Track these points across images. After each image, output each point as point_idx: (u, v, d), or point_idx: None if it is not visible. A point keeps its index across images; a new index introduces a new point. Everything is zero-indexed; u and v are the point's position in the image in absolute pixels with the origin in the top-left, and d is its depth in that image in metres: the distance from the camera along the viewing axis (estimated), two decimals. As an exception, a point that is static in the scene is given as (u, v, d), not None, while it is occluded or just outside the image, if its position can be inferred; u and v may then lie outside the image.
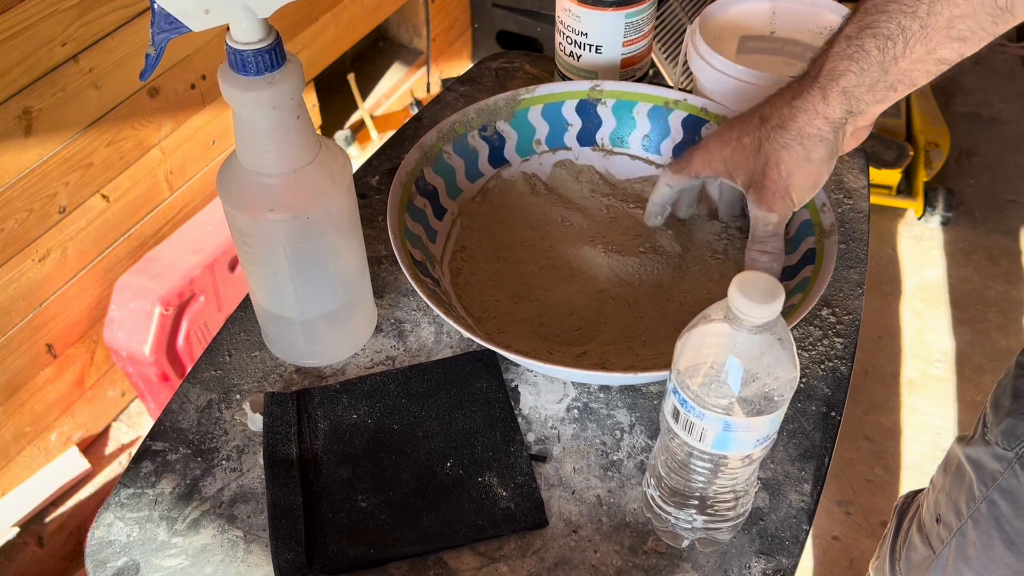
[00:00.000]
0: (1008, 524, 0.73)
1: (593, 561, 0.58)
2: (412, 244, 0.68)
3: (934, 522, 0.81)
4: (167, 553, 0.59)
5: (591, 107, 0.80)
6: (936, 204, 2.01)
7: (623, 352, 0.67)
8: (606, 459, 0.64)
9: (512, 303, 0.71)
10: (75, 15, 1.22)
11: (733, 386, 0.47)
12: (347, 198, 0.61)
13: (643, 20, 0.82)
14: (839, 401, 0.67)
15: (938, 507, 0.81)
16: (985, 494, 0.74)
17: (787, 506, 0.61)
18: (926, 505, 0.85)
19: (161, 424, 0.66)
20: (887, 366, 1.77)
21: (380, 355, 0.70)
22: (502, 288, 0.72)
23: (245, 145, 0.56)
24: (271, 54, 0.52)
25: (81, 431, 1.54)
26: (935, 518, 0.81)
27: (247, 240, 0.60)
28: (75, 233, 1.36)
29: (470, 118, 0.77)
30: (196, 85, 1.48)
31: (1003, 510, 0.73)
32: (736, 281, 0.45)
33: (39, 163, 1.25)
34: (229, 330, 0.72)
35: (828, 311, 0.73)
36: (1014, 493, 0.72)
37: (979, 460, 0.75)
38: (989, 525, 0.74)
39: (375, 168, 0.86)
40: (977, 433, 0.78)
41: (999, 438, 0.73)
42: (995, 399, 0.76)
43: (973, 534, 0.76)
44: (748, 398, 0.47)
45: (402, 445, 0.64)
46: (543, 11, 2.07)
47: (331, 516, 0.60)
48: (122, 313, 1.40)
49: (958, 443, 0.82)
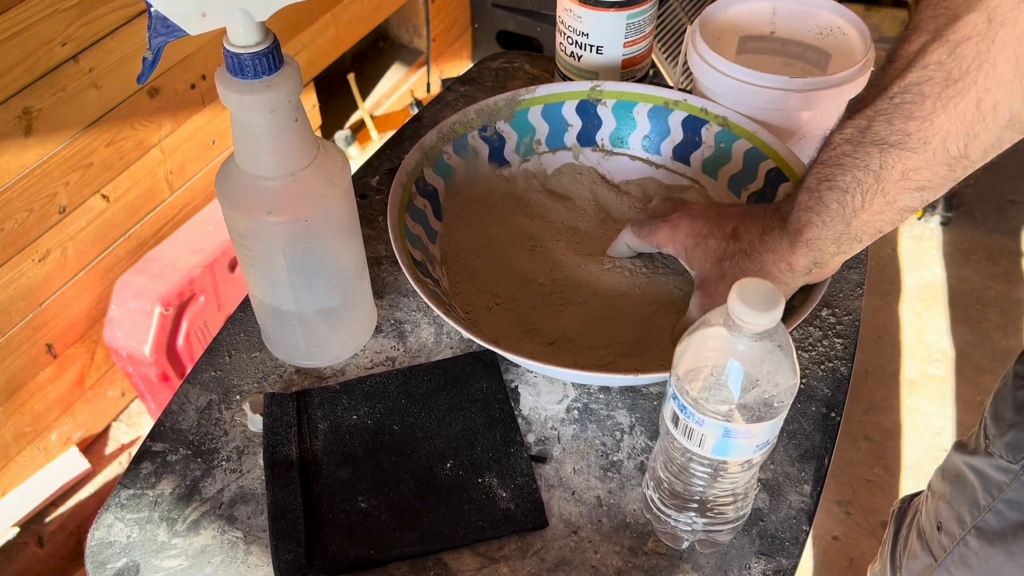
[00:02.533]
0: (1011, 535, 0.73)
1: (593, 562, 0.58)
2: (412, 245, 0.68)
3: (935, 530, 0.81)
4: (167, 554, 0.59)
5: (591, 107, 0.80)
6: (936, 204, 2.01)
7: (623, 353, 0.67)
8: (606, 460, 0.64)
9: (511, 303, 0.71)
10: (75, 15, 1.22)
11: (733, 392, 0.47)
12: (346, 200, 0.61)
13: (644, 21, 0.82)
14: (839, 401, 0.67)
15: (939, 515, 0.81)
16: (991, 504, 0.74)
17: (787, 507, 0.61)
18: (925, 512, 0.85)
19: (161, 425, 0.66)
20: (887, 366, 1.77)
21: (380, 356, 0.70)
22: (502, 288, 0.72)
23: (243, 148, 0.56)
24: (268, 57, 0.52)
25: (81, 431, 1.54)
26: (936, 526, 0.81)
27: (246, 242, 0.60)
28: (75, 233, 1.36)
29: (470, 118, 0.77)
30: (196, 85, 1.48)
31: (1009, 521, 0.73)
32: (736, 288, 0.45)
33: (39, 163, 1.25)
34: (229, 330, 0.72)
35: (828, 311, 0.73)
36: (1021, 504, 0.72)
37: (983, 471, 0.76)
38: (993, 536, 0.75)
39: (375, 168, 0.86)
40: (979, 444, 0.78)
41: (1003, 451, 0.74)
42: (994, 411, 0.76)
43: (976, 543, 0.77)
44: (748, 405, 0.47)
45: (402, 446, 0.64)
46: (543, 11, 2.07)
47: (331, 517, 0.60)
48: (122, 313, 1.40)
49: (957, 451, 0.82)
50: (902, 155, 0.50)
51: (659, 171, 0.80)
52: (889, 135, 0.50)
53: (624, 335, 0.68)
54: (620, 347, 0.68)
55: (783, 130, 0.77)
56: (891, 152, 0.51)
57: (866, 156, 0.52)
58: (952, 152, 0.49)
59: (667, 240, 0.67)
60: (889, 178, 0.51)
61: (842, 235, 0.56)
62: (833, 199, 0.54)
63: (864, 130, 0.51)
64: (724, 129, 0.75)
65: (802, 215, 0.56)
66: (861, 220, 0.54)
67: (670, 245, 0.67)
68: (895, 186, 0.52)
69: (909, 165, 0.50)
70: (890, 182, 0.52)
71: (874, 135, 0.51)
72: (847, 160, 0.53)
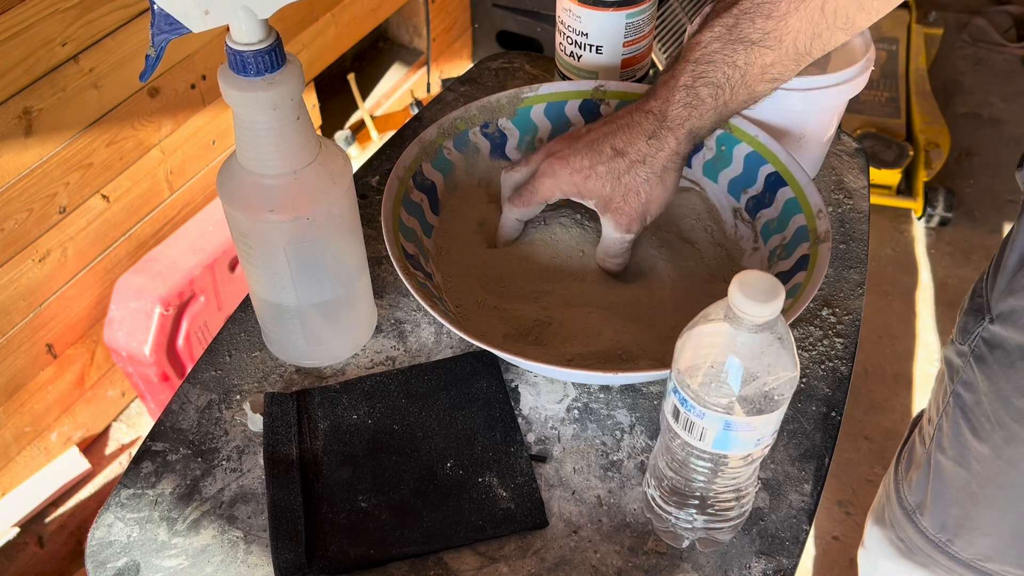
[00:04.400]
0: (971, 413, 0.80)
1: (593, 561, 0.58)
2: (406, 238, 0.68)
3: (926, 423, 0.89)
4: (167, 553, 0.59)
5: (594, 107, 0.80)
6: (936, 204, 2.01)
7: (623, 352, 0.67)
8: (606, 459, 0.64)
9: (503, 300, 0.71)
10: (75, 15, 1.22)
11: (733, 385, 0.47)
12: (347, 198, 0.61)
13: (644, 20, 0.82)
14: (839, 401, 0.67)
15: (929, 409, 0.90)
16: (951, 388, 0.82)
17: (787, 506, 0.61)
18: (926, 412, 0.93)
19: (161, 424, 0.66)
20: (887, 366, 1.77)
21: (380, 355, 0.70)
22: (494, 285, 0.72)
23: (245, 146, 0.56)
24: (271, 55, 0.52)
25: (81, 431, 1.54)
26: (927, 419, 0.89)
27: (247, 241, 0.60)
28: (75, 233, 1.36)
29: (472, 115, 0.77)
30: (196, 85, 1.48)
31: (966, 401, 0.80)
32: (736, 281, 0.45)
33: (39, 163, 1.25)
34: (229, 330, 0.72)
35: (828, 311, 0.73)
36: (971, 384, 0.79)
37: (949, 359, 0.84)
38: (957, 416, 0.81)
39: (375, 168, 0.86)
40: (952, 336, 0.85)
41: (957, 335, 0.82)
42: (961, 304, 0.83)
43: (946, 426, 0.83)
44: (748, 397, 0.47)
45: (402, 445, 0.64)
46: (543, 11, 2.07)
47: (331, 516, 0.60)
48: (122, 313, 1.40)
49: None
50: (762, 52, 0.61)
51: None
52: (751, 33, 0.61)
53: (623, 330, 0.68)
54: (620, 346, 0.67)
55: (782, 130, 0.77)
56: (753, 49, 0.61)
57: (733, 53, 0.62)
58: (800, 49, 0.61)
59: (552, 189, 0.69)
60: (751, 72, 0.62)
61: (715, 122, 0.66)
62: (708, 94, 0.63)
63: (731, 28, 0.61)
64: (725, 132, 0.75)
65: (681, 111, 0.64)
66: (729, 108, 0.65)
67: (558, 191, 0.69)
68: (755, 79, 0.63)
69: (767, 61, 0.61)
70: (751, 76, 0.62)
71: (740, 33, 0.61)
72: (718, 57, 0.62)
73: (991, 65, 2.45)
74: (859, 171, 0.86)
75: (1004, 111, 2.33)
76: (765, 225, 0.73)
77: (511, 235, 0.74)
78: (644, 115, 0.66)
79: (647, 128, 0.66)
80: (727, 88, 0.63)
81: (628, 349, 0.67)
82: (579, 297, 0.72)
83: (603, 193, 0.68)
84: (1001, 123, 2.30)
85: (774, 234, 0.71)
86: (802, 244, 0.68)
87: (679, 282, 0.73)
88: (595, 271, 0.73)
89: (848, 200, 0.83)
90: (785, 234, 0.70)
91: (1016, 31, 2.56)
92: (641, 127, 0.66)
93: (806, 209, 0.69)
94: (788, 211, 0.70)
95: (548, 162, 0.69)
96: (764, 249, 0.72)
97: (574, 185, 0.68)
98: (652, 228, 0.76)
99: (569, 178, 0.68)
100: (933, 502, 0.86)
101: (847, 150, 0.88)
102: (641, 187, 0.67)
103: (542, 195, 0.70)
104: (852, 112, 2.10)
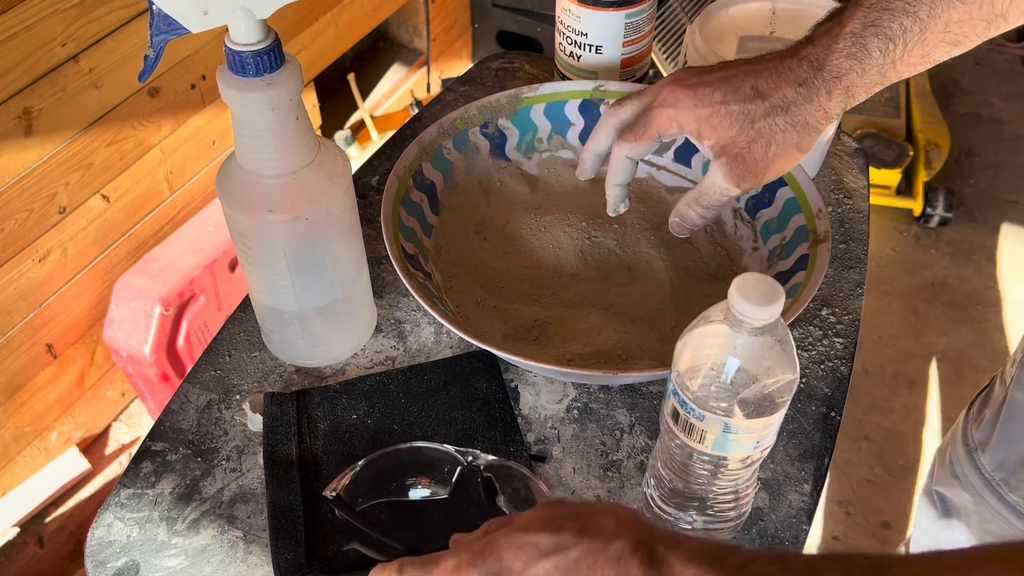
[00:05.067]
0: None
1: (593, 561, 0.58)
2: (406, 238, 0.68)
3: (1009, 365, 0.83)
4: (167, 553, 0.59)
5: (594, 107, 0.80)
6: (936, 204, 2.01)
7: (623, 352, 0.67)
8: (606, 459, 0.64)
9: (503, 300, 0.71)
10: (75, 15, 1.22)
11: (733, 388, 0.47)
12: (347, 199, 0.61)
13: (643, 20, 0.82)
14: (839, 401, 0.67)
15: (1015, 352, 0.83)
16: None
17: (787, 506, 0.61)
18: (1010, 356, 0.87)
19: (161, 424, 0.66)
20: (887, 366, 1.77)
21: (380, 355, 0.70)
22: (494, 285, 0.72)
23: (244, 146, 0.56)
24: (270, 55, 0.52)
25: (81, 431, 1.54)
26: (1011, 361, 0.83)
27: (246, 241, 0.60)
28: (75, 233, 1.36)
29: (472, 114, 0.77)
30: (196, 85, 1.48)
31: None
32: (736, 283, 0.45)
33: (39, 163, 1.25)
34: (229, 330, 0.72)
35: (828, 311, 0.73)
36: None
37: None
38: None
39: (375, 168, 0.86)
40: None
41: None
42: None
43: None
44: (748, 400, 0.47)
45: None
46: (543, 11, 2.07)
47: (331, 516, 0.60)
48: (122, 313, 1.40)
49: None
50: (952, 3, 0.51)
51: (660, 172, 0.80)
52: None
53: (623, 330, 0.68)
54: (620, 345, 0.67)
55: (783, 130, 0.77)
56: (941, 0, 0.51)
57: (917, 2, 0.52)
58: (996, 9, 0.51)
59: (670, 122, 0.60)
60: (933, 28, 0.52)
61: (874, 84, 0.55)
62: (877, 47, 0.54)
63: None
64: None
65: (843, 62, 0.55)
66: (896, 71, 0.54)
67: (675, 125, 0.60)
68: (935, 37, 0.52)
69: (954, 16, 0.51)
70: (932, 32, 0.52)
71: None
72: (896, 4, 0.52)
73: (991, 65, 2.45)
74: (859, 171, 0.86)
75: (1004, 111, 2.33)
76: (765, 225, 0.73)
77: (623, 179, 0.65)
78: (798, 61, 0.57)
79: (799, 74, 0.57)
80: (900, 43, 0.53)
81: (628, 349, 0.67)
82: (579, 297, 0.72)
83: (727, 135, 0.58)
84: (1001, 123, 2.30)
85: (774, 234, 0.71)
86: (802, 244, 0.68)
87: (679, 282, 0.73)
88: (595, 271, 0.73)
89: (848, 200, 0.83)
90: (785, 234, 0.70)
91: (1016, 31, 2.56)
92: (793, 72, 0.57)
93: (806, 209, 0.69)
94: (788, 211, 0.70)
95: (671, 88, 0.60)
96: (764, 249, 0.72)
97: (696, 121, 0.59)
98: (652, 228, 0.76)
99: (693, 110, 0.59)
100: (998, 439, 0.81)
101: (847, 150, 0.88)
102: (774, 137, 0.58)
103: (656, 127, 0.60)
104: (852, 112, 2.10)
